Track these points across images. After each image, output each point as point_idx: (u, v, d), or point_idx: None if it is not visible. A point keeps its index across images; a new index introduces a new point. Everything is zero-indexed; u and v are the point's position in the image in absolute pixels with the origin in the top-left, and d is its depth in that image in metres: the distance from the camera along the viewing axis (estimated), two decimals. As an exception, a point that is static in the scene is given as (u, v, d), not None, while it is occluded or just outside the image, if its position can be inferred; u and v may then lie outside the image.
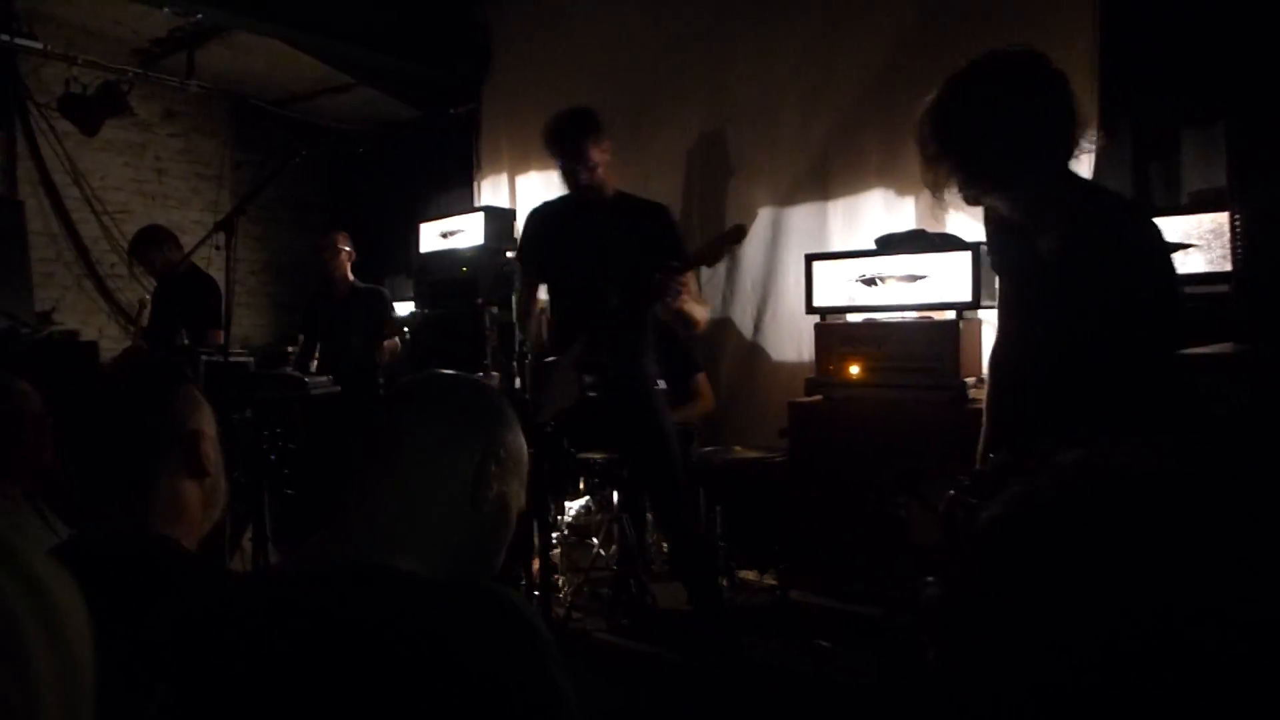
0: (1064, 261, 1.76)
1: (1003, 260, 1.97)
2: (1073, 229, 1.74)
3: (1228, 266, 2.94)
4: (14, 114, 5.52)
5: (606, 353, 2.81)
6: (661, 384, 3.19)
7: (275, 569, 1.01)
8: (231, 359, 2.97)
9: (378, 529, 0.92)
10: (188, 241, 5.68)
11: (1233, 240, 2.85)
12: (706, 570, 3.17)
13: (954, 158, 1.71)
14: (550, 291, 3.24)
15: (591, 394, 2.84)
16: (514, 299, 3.07)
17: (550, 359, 3.00)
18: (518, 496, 1.02)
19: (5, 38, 5.21)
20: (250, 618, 0.82)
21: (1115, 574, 0.45)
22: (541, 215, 3.28)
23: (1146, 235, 1.73)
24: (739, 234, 3.02)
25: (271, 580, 0.91)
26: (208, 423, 1.22)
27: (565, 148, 2.99)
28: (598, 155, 2.99)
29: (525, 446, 1.04)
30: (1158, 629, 0.43)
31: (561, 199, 3.24)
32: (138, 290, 5.72)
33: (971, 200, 1.80)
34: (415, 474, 0.95)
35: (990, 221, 1.93)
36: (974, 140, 1.68)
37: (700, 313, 3.08)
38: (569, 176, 3.03)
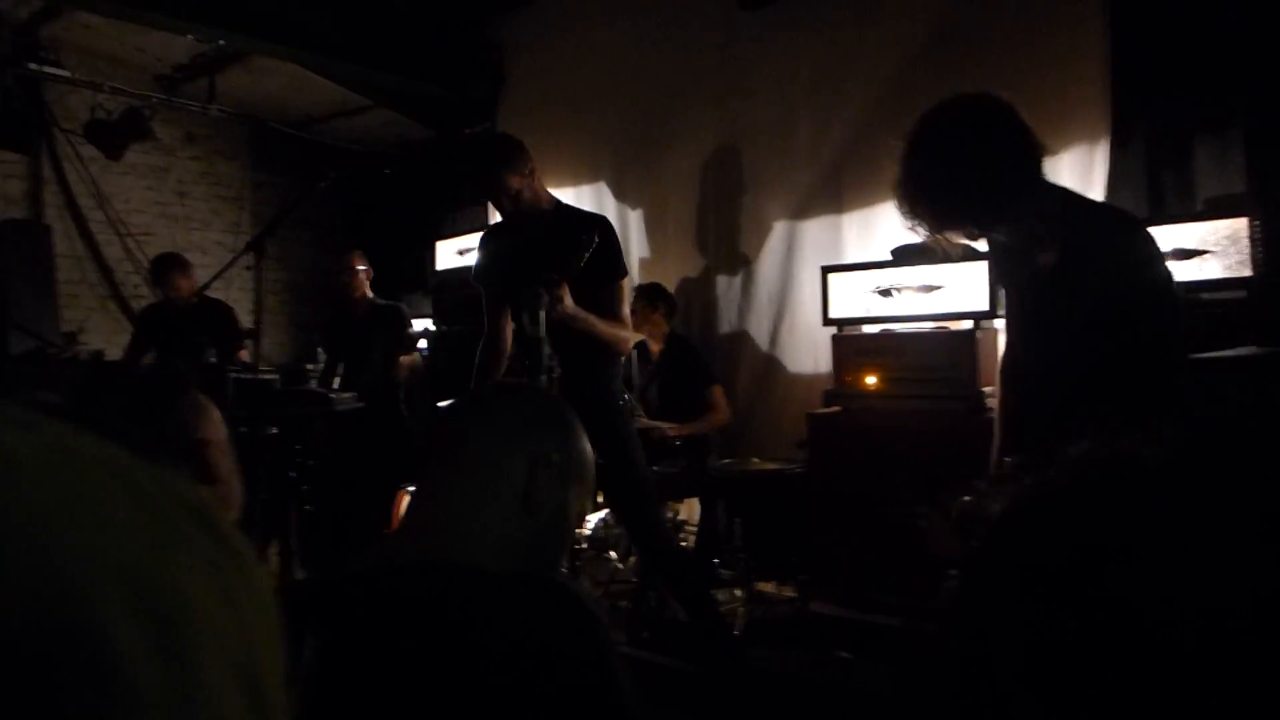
0: (1061, 273, 1.82)
1: (1005, 277, 2.05)
2: (1067, 242, 1.80)
3: (1243, 272, 2.95)
4: (41, 140, 5.64)
5: (561, 369, 2.61)
6: (626, 398, 3.15)
7: (343, 569, 1.03)
8: (260, 376, 3.02)
9: (441, 529, 0.95)
10: (208, 261, 5.80)
11: (1253, 245, 2.87)
12: (691, 583, 3.17)
13: (945, 211, 1.81)
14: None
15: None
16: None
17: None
18: (579, 503, 1.03)
19: (33, 66, 5.34)
20: (318, 615, 0.85)
21: (1120, 563, 0.46)
22: (491, 236, 3.25)
23: (1133, 243, 1.79)
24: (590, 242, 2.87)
25: (338, 580, 0.93)
26: (215, 429, 1.22)
27: (482, 180, 2.94)
28: (518, 182, 2.89)
29: (589, 454, 1.05)
30: (1160, 620, 0.44)
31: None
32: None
33: (975, 237, 1.89)
34: (472, 476, 0.97)
35: (991, 244, 2.01)
36: (959, 191, 1.76)
37: (609, 332, 2.87)
38: (495, 206, 2.98)
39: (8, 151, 5.36)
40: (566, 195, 5.39)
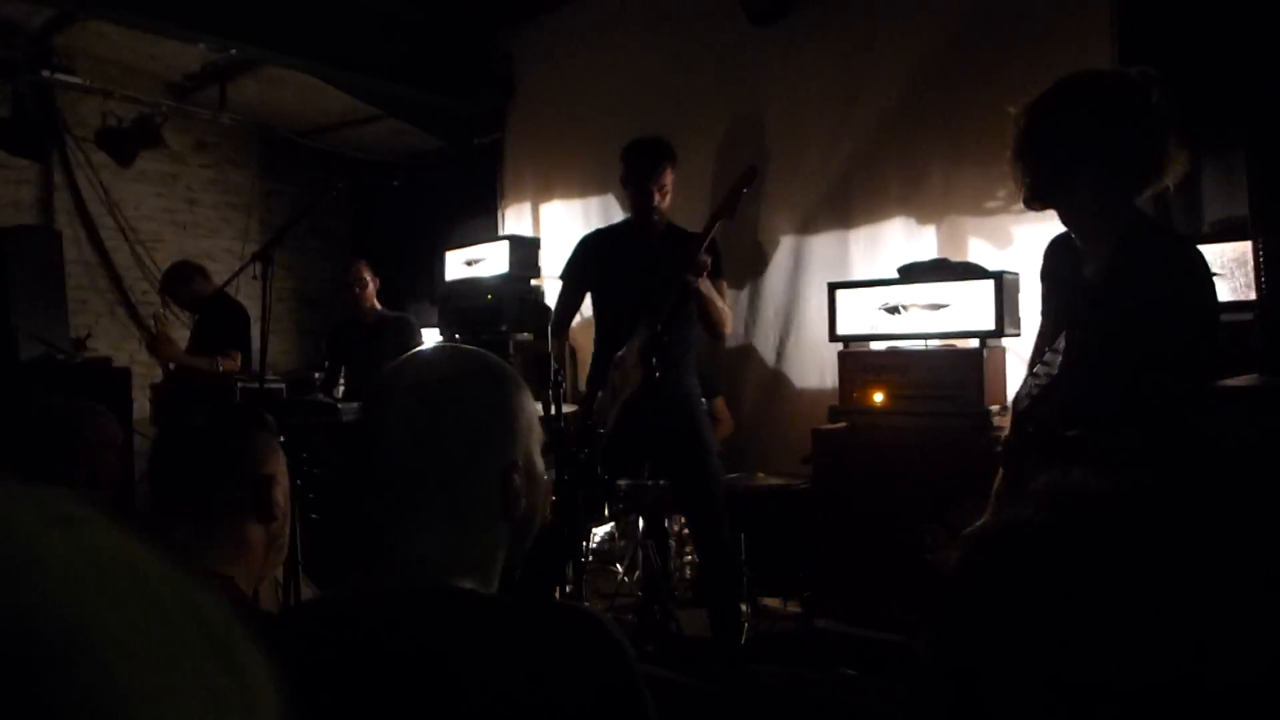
0: (1104, 288, 1.79)
1: (1050, 280, 2.00)
2: (1118, 259, 1.77)
3: (1250, 295, 2.96)
4: (52, 147, 5.66)
5: (661, 348, 2.84)
6: (704, 401, 3.25)
7: (336, 598, 0.99)
8: (266, 385, 3.03)
9: (427, 554, 0.91)
10: (217, 268, 5.82)
11: (1256, 269, 2.87)
12: (732, 594, 3.19)
13: (1030, 160, 1.78)
14: (597, 316, 3.30)
15: (658, 374, 2.84)
16: (554, 315, 3.19)
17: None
18: (539, 463, 0.99)
19: (45, 73, 5.37)
20: (333, 646, 0.84)
21: (1075, 599, 0.49)
22: (598, 239, 3.38)
23: (1189, 270, 1.74)
24: (750, 176, 2.97)
25: (344, 608, 0.90)
26: (282, 472, 1.26)
27: (647, 171, 3.09)
28: (669, 180, 3.12)
29: (533, 411, 0.99)
30: (1116, 653, 0.47)
31: (617, 227, 3.36)
32: (168, 317, 5.83)
33: (1031, 205, 1.85)
34: (443, 502, 0.92)
35: (1055, 246, 1.97)
36: (1050, 152, 1.74)
37: (723, 308, 3.11)
38: (642, 199, 3.10)
39: (20, 158, 5.39)
40: (574, 207, 5.43)
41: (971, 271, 3.44)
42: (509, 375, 0.99)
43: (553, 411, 2.33)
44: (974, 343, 3.37)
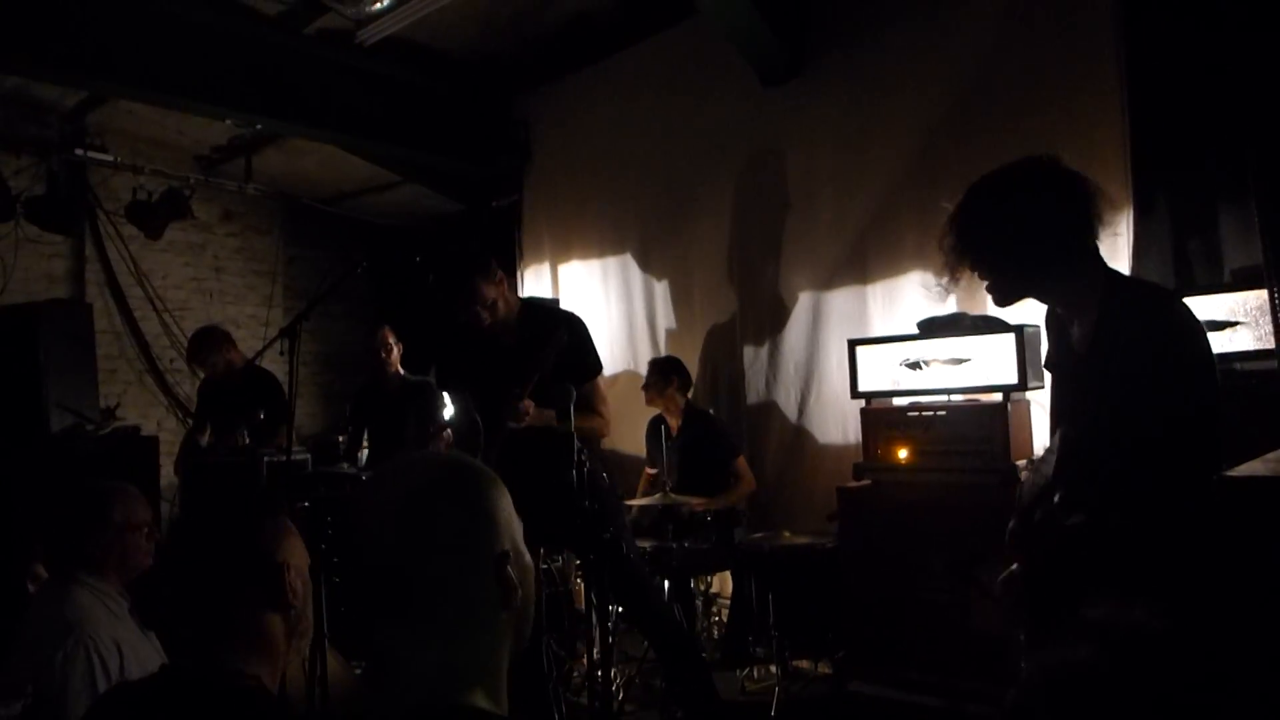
0: (1092, 356, 1.76)
1: (1051, 353, 1.99)
2: (1101, 324, 1.74)
3: (1273, 344, 2.93)
4: (84, 221, 5.82)
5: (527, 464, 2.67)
6: (605, 477, 3.14)
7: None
8: (292, 458, 3.07)
9: (432, 663, 0.90)
10: (242, 335, 5.92)
11: (1274, 318, 2.85)
12: (690, 658, 3.12)
13: (983, 265, 1.78)
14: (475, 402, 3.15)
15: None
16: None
17: None
18: (525, 552, 0.99)
19: (79, 151, 5.55)
20: None
21: None
22: (455, 342, 3.25)
23: (1173, 333, 1.68)
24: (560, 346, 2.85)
25: None
26: (296, 553, 1.25)
27: (458, 293, 2.91)
28: (493, 291, 2.93)
29: (509, 504, 1.00)
30: None
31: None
32: (195, 384, 5.92)
33: (1001, 302, 1.84)
34: (437, 607, 0.92)
35: (1049, 315, 1.96)
36: (999, 248, 1.75)
37: (589, 423, 2.96)
38: (475, 322, 2.94)
39: (53, 234, 5.54)
40: (592, 267, 5.50)
41: (992, 325, 3.44)
42: (482, 473, 1.00)
43: (576, 490, 2.32)
44: (997, 396, 3.35)
